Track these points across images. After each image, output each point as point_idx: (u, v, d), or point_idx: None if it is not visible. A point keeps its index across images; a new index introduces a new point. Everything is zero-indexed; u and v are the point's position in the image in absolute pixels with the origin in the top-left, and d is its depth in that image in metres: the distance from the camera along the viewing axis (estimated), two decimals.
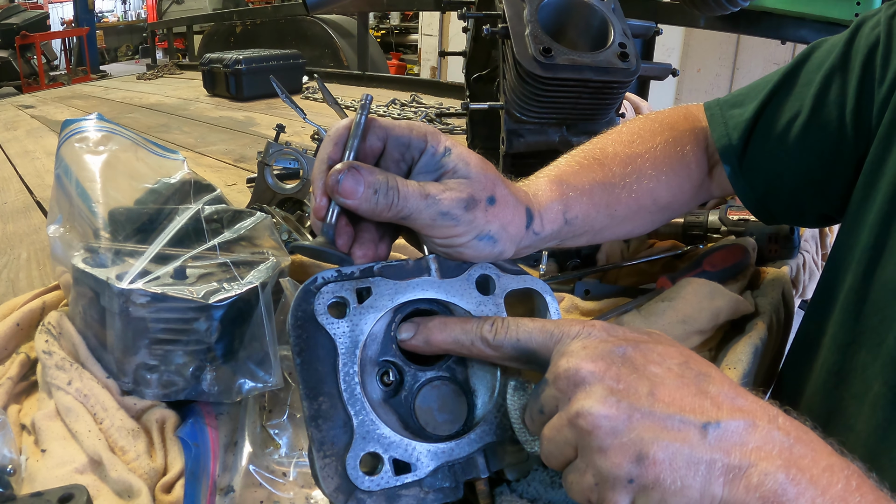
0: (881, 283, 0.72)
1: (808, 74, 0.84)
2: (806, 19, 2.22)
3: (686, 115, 0.92)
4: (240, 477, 0.69)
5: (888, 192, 0.72)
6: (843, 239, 0.80)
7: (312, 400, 0.53)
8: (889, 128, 0.73)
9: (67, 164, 0.88)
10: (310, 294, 0.55)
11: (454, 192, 0.57)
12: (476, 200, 0.58)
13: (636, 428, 0.45)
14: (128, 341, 0.73)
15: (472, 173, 0.59)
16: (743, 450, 0.44)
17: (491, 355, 0.56)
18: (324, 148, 0.58)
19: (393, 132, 0.58)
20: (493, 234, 0.60)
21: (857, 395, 0.74)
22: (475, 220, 0.58)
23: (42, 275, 1.20)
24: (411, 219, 0.57)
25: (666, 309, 0.90)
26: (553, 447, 0.49)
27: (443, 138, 0.59)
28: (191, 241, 0.80)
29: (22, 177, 1.94)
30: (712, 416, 0.45)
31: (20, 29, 9.03)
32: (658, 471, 0.43)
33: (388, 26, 10.89)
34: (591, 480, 0.46)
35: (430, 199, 0.56)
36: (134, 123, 2.70)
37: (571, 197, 0.73)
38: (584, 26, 1.11)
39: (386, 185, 0.55)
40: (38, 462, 0.67)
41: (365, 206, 0.55)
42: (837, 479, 0.44)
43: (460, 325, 0.57)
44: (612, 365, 0.48)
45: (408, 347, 0.58)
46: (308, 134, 2.27)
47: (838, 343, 0.77)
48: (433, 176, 0.59)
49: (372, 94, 0.59)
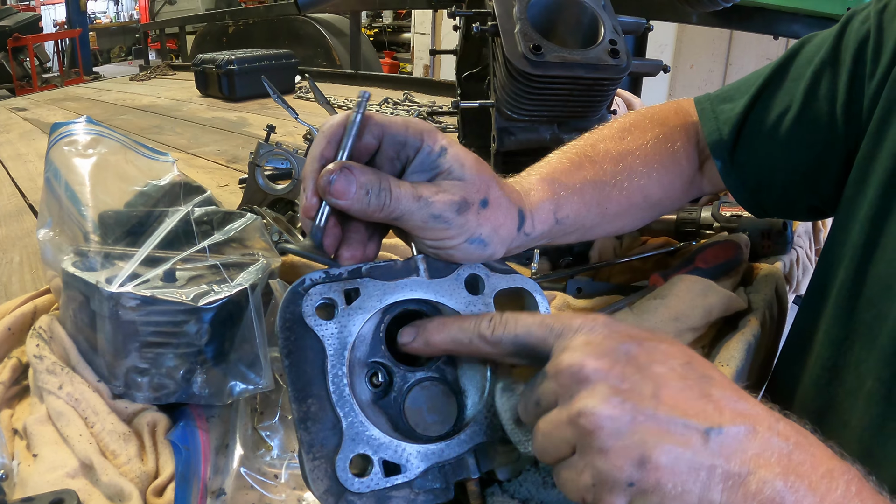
0: (874, 279, 0.72)
1: (798, 69, 0.84)
2: (798, 14, 2.22)
3: (677, 110, 0.92)
4: (231, 479, 0.69)
5: (880, 188, 0.72)
6: (836, 234, 0.79)
7: (301, 402, 0.53)
8: (879, 123, 0.73)
9: (57, 167, 0.88)
10: (297, 296, 0.55)
11: (447, 194, 0.57)
12: (469, 203, 0.58)
13: (639, 430, 0.44)
14: (118, 345, 0.73)
15: (467, 175, 0.58)
16: (743, 457, 0.44)
17: (489, 352, 0.55)
18: (317, 144, 0.56)
19: (389, 130, 0.57)
20: (483, 237, 0.59)
21: (850, 390, 0.74)
22: (467, 223, 0.58)
23: (34, 279, 1.19)
24: (402, 220, 0.56)
25: (658, 306, 0.90)
26: (548, 442, 0.48)
27: (439, 137, 0.58)
28: (181, 244, 0.80)
29: (14, 180, 1.94)
30: (715, 421, 0.45)
31: (12, 31, 8.98)
32: (659, 475, 0.43)
33: (381, 25, 10.86)
34: (588, 480, 0.45)
35: (423, 202, 0.55)
36: (127, 125, 2.70)
37: (563, 196, 0.73)
38: (574, 23, 1.11)
39: (378, 185, 0.54)
40: (29, 467, 0.67)
41: (356, 207, 0.54)
42: (837, 485, 0.44)
43: (458, 324, 0.56)
44: (617, 363, 0.47)
45: (409, 351, 0.58)
46: (300, 134, 2.26)
47: (832, 339, 0.77)
48: (427, 175, 0.58)
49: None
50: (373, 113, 0.57)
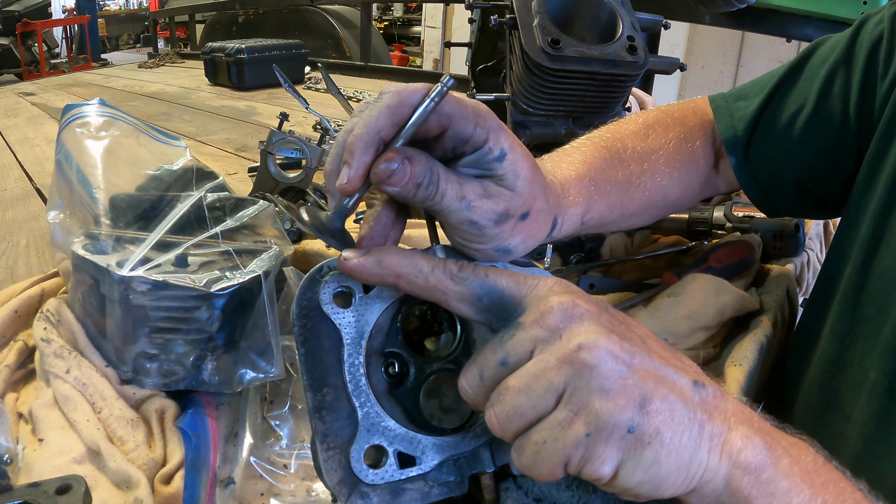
0: (879, 273, 0.73)
1: (812, 69, 0.85)
2: (812, 17, 2.22)
3: (694, 109, 0.92)
4: (240, 469, 0.68)
5: (887, 185, 0.73)
6: (843, 231, 0.81)
7: (316, 391, 0.52)
8: (889, 122, 0.74)
9: (68, 149, 0.87)
10: (315, 283, 0.54)
11: (491, 202, 0.53)
12: (509, 216, 0.54)
13: (639, 371, 0.43)
14: (128, 329, 0.72)
15: (519, 186, 0.54)
16: (724, 414, 0.44)
17: (451, 289, 0.50)
18: (374, 116, 0.49)
19: (456, 125, 0.52)
20: (511, 246, 0.56)
21: (854, 384, 0.74)
22: (500, 233, 0.55)
23: (41, 262, 1.19)
24: (439, 214, 0.53)
25: (672, 304, 0.89)
26: (526, 399, 0.44)
27: (503, 136, 0.54)
28: (192, 229, 0.79)
29: (22, 164, 1.94)
30: (698, 377, 0.45)
31: (21, 16, 8.99)
32: (659, 422, 0.41)
33: (391, 18, 10.85)
34: (580, 431, 0.41)
35: (464, 204, 0.52)
36: (135, 111, 2.67)
37: (594, 200, 0.71)
38: (592, 19, 1.10)
39: (428, 178, 0.50)
40: (35, 451, 0.66)
41: (401, 196, 0.50)
42: (807, 452, 0.45)
43: (423, 254, 0.52)
44: (605, 311, 0.46)
45: (352, 266, 0.51)
46: (310, 124, 2.26)
47: (836, 334, 0.78)
48: (477, 172, 0.54)
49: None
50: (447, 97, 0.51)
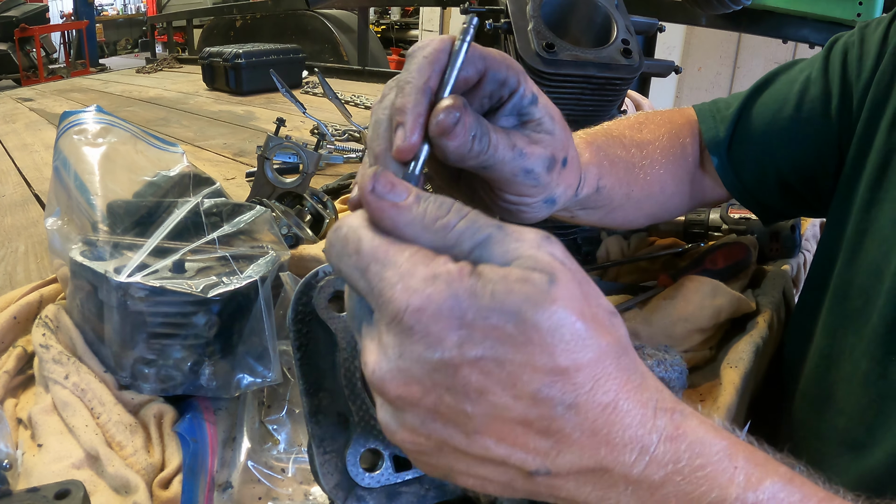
0: (864, 266, 0.74)
1: (792, 74, 0.88)
2: (808, 19, 2.22)
3: (681, 112, 0.95)
4: (238, 473, 0.68)
5: (869, 183, 0.74)
6: (830, 230, 0.82)
7: (312, 396, 0.52)
8: (867, 123, 0.76)
9: (66, 156, 0.88)
10: (311, 288, 0.54)
11: (539, 147, 0.52)
12: (555, 161, 0.53)
13: None
14: (126, 335, 0.72)
15: (556, 129, 0.53)
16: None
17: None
18: (419, 71, 0.45)
19: (492, 65, 0.49)
20: (556, 196, 0.55)
21: (846, 377, 0.75)
22: (551, 181, 0.53)
23: (40, 268, 1.19)
24: (491, 170, 0.50)
25: (667, 306, 0.90)
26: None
27: (529, 81, 0.52)
28: (190, 235, 0.80)
29: (20, 170, 1.94)
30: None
31: (19, 22, 8.98)
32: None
33: (389, 22, 10.85)
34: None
35: (517, 151, 0.50)
36: (133, 117, 2.69)
37: (605, 165, 0.71)
38: (586, 22, 1.11)
39: (480, 129, 0.46)
40: (34, 457, 0.67)
41: (458, 154, 0.46)
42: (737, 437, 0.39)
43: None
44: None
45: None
46: (307, 129, 2.26)
47: (828, 328, 0.79)
48: (515, 122, 0.52)
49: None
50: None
